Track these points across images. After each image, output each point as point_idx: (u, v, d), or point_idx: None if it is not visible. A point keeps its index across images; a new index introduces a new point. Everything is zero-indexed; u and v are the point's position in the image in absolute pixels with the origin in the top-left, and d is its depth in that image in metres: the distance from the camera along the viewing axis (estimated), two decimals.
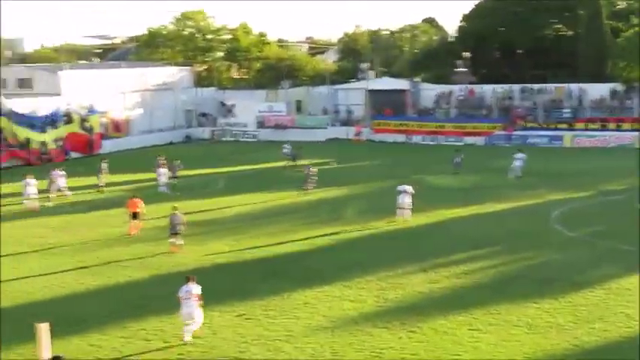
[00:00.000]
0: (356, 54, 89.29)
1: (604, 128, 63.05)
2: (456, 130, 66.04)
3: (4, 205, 40.15)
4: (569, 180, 43.86)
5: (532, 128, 64.65)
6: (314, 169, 34.96)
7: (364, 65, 79.15)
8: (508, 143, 61.46)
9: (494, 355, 17.81)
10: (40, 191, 41.03)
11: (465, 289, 23.85)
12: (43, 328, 9.98)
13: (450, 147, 60.25)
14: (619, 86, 66.22)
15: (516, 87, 69.41)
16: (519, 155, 43.30)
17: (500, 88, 69.58)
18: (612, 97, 66.21)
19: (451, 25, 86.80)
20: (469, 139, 63.92)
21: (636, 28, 68.55)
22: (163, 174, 43.95)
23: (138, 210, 33.67)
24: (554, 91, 68.03)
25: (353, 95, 72.50)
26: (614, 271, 24.97)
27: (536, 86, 69.06)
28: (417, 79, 74.22)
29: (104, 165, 44.67)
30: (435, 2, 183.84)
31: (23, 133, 56.91)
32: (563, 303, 21.69)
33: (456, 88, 71.71)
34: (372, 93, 71.13)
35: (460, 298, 22.68)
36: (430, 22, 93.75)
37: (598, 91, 66.47)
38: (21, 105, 58.21)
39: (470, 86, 72.11)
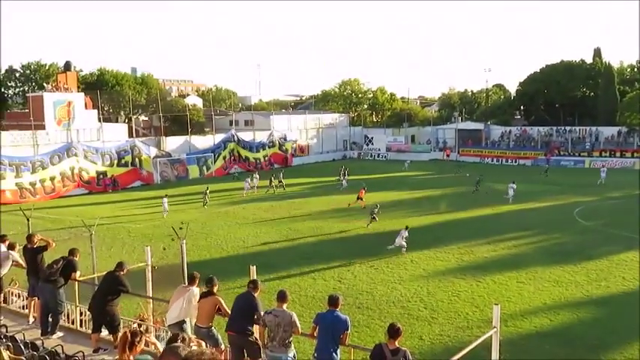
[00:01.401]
0: (450, 106, 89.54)
1: (612, 156, 64.61)
2: (513, 155, 68.11)
3: (232, 196, 42.94)
4: (586, 189, 44.06)
5: (564, 155, 66.42)
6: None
7: (455, 113, 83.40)
8: (547, 165, 61.66)
9: (532, 299, 18.45)
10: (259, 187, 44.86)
11: (514, 255, 24.40)
12: (252, 269, 9.50)
13: (510, 166, 63.42)
14: (624, 129, 67.84)
15: (554, 128, 71.14)
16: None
17: (542, 129, 71.52)
18: (619, 136, 67.99)
19: (513, 87, 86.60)
20: (522, 161, 66.12)
21: (637, 91, 68.92)
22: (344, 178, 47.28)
23: (362, 195, 36.67)
24: (579, 131, 69.88)
25: (447, 132, 75.65)
26: (615, 248, 25.17)
27: (567, 128, 70.43)
28: (489, 122, 76.14)
29: (277, 177, 46.02)
30: (503, 72, 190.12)
31: (244, 152, 62.73)
32: (580, 268, 22.19)
33: (514, 128, 74.21)
34: (460, 131, 73.96)
35: (511, 261, 23.28)
36: (499, 86, 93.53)
37: (609, 131, 68.41)
38: (246, 136, 63.48)
39: (523, 127, 74.53)
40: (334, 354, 8.35)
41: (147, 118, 74.39)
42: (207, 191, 39.35)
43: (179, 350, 4.01)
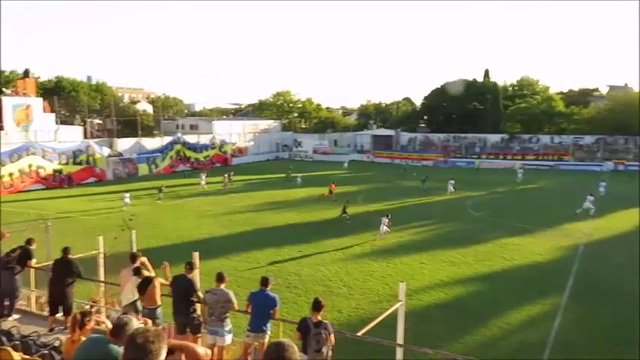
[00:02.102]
0: (367, 115, 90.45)
1: (497, 158, 66.62)
2: (418, 157, 69.37)
3: (179, 191, 41.63)
4: (476, 186, 44.85)
5: (459, 157, 68.21)
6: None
7: (371, 121, 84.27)
8: (445, 165, 65.20)
9: (431, 277, 18.86)
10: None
11: (418, 241, 24.80)
12: (195, 255, 8.94)
13: (415, 166, 63.91)
14: (506, 136, 70.71)
15: (451, 135, 72.96)
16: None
17: (442, 135, 73.34)
18: (502, 142, 70.55)
19: (419, 100, 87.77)
20: (424, 162, 67.11)
21: (518, 105, 73.04)
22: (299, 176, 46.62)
23: (333, 189, 36.70)
24: (471, 138, 71.90)
25: (364, 138, 76.64)
26: (498, 234, 25.95)
27: (462, 135, 72.23)
28: (399, 129, 77.13)
29: (228, 174, 45.88)
30: (411, 86, 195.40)
31: (189, 153, 60.98)
32: (470, 250, 22.78)
33: (419, 135, 75.89)
34: (375, 136, 75.03)
35: (415, 245, 23.68)
36: (407, 99, 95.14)
37: (495, 138, 70.84)
38: (191, 139, 61.70)
39: (426, 134, 76.12)
40: (264, 327, 8.51)
41: (101, 122, 71.26)
42: (164, 188, 38.03)
43: (125, 328, 3.93)
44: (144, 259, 9.96)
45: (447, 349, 12.22)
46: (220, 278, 8.79)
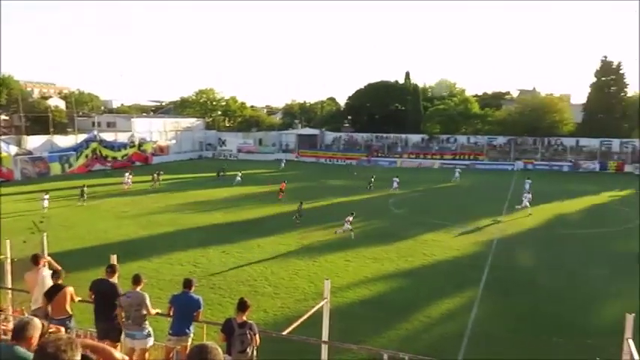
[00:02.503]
0: (292, 114, 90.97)
1: (418, 158, 68.71)
2: (343, 156, 70.47)
3: (101, 190, 40.14)
4: (401, 184, 43.32)
5: (381, 157, 69.81)
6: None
7: (296, 121, 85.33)
8: (368, 164, 66.41)
9: (356, 274, 19.19)
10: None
11: (343, 239, 24.84)
12: (113, 258, 8.89)
13: (340, 165, 66.09)
14: (426, 136, 73.05)
15: (374, 135, 74.37)
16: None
17: (365, 135, 74.72)
18: (422, 142, 72.90)
19: (343, 101, 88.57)
20: (348, 161, 68.21)
21: (437, 107, 75.35)
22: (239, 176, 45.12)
23: (284, 187, 36.75)
24: (393, 138, 73.69)
25: (289, 137, 76.75)
26: (419, 230, 26.68)
27: (384, 135, 73.79)
28: (323, 129, 77.91)
29: (157, 173, 44.68)
30: (335, 86, 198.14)
31: (106, 151, 58.84)
32: (392, 247, 23.29)
33: (343, 134, 77.17)
34: (300, 136, 75.55)
35: (340, 243, 23.90)
36: (332, 99, 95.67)
37: (416, 138, 73.02)
38: (108, 137, 60.04)
39: (350, 134, 77.53)
40: (187, 330, 8.30)
41: (7, 118, 67.09)
42: (85, 188, 35.99)
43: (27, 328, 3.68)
44: (48, 258, 9.38)
45: (371, 344, 12.45)
46: (136, 280, 8.46)
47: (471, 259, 22.07)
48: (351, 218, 25.78)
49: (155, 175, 44.74)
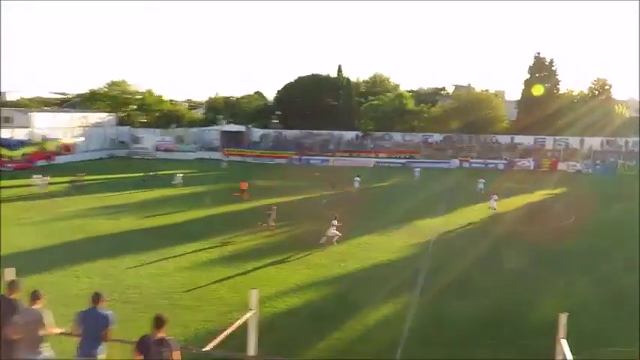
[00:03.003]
0: (215, 109, 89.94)
1: (352, 156, 69.84)
2: (271, 154, 70.68)
3: None
4: (329, 184, 45.00)
5: (313, 155, 70.42)
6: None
7: (220, 117, 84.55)
8: (299, 163, 67.60)
9: (285, 282, 19.19)
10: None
11: (272, 243, 25.14)
12: (9, 271, 8.43)
13: (269, 164, 66.27)
14: (360, 133, 75.30)
15: (305, 132, 75.70)
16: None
17: (297, 132, 75.87)
18: (356, 139, 74.85)
19: (271, 95, 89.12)
20: (277, 160, 68.71)
21: (371, 102, 78.52)
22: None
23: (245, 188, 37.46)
24: (325, 135, 75.09)
25: (213, 134, 76.33)
26: (354, 233, 26.61)
27: (316, 132, 75.01)
28: (250, 125, 78.31)
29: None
30: (263, 79, 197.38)
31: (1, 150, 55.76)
32: (325, 251, 23.68)
33: (271, 131, 78.19)
34: (224, 132, 75.35)
35: (269, 249, 23.93)
36: (259, 93, 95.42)
37: (349, 135, 74.88)
38: (2, 133, 57.97)
39: (279, 130, 78.61)
40: (96, 350, 8.01)
41: None
42: None
43: None
44: None
45: (301, 356, 12.43)
46: (34, 297, 8.11)
47: (407, 262, 22.59)
48: (336, 222, 25.43)
49: (76, 176, 43.79)
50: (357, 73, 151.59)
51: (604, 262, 23.46)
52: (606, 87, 75.47)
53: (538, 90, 73.04)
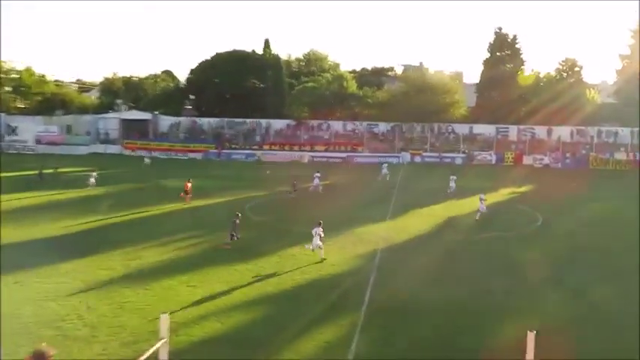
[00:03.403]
0: (113, 93, 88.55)
1: (282, 149, 71.46)
2: (183, 148, 71.14)
3: None
4: (258, 183, 48.15)
5: (235, 148, 71.56)
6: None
7: (119, 101, 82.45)
8: (218, 158, 68.23)
9: (204, 303, 19.16)
10: None
11: (186, 257, 25.13)
12: None
13: (180, 160, 66.40)
14: (292, 122, 76.03)
15: (225, 120, 76.19)
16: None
17: (214, 120, 76.25)
18: (287, 129, 75.88)
19: (183, 76, 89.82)
20: (192, 155, 69.49)
21: (305, 85, 78.79)
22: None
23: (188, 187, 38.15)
24: (250, 124, 75.98)
25: (110, 122, 75.39)
26: (285, 243, 27.22)
27: (238, 120, 75.76)
28: (157, 112, 77.96)
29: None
30: (173, 56, 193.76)
31: None
32: (252, 265, 23.65)
33: (184, 119, 77.85)
34: (125, 121, 74.63)
35: (182, 264, 23.91)
36: (168, 73, 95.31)
37: (279, 124, 75.86)
38: None
39: (193, 119, 78.32)
40: None
41: None
42: None
43: None
44: None
45: None
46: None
47: (351, 276, 22.79)
48: (320, 230, 25.32)
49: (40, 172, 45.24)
50: (288, 49, 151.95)
51: (578, 272, 24.36)
52: (576, 68, 78.76)
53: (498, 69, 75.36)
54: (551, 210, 37.69)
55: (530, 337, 8.48)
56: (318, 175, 45.45)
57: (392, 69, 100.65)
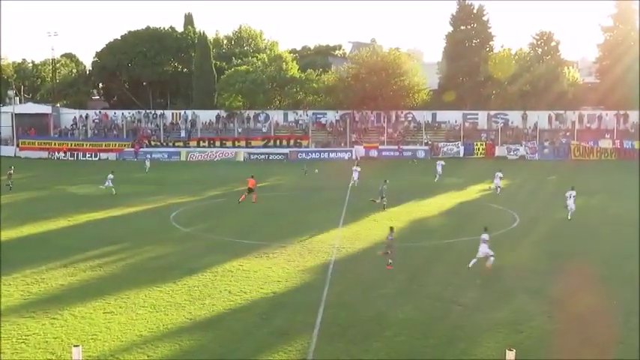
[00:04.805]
0: (3, 82, 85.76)
1: (212, 146, 71.01)
2: (93, 147, 69.89)
3: None
4: (184, 187, 48.45)
5: (155, 146, 70.59)
6: None
7: (11, 92, 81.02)
8: (135, 159, 66.82)
9: (124, 333, 18.94)
10: None
11: (100, 279, 24.94)
12: None
13: (89, 162, 65.79)
14: (223, 112, 75.73)
15: (142, 112, 75.21)
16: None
17: (128, 113, 75.07)
18: (217, 121, 75.36)
19: (88, 60, 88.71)
20: (103, 155, 68.28)
21: (236, 68, 77.71)
22: None
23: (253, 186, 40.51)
24: (173, 116, 75.13)
25: (1, 118, 73.12)
26: (219, 257, 27.48)
27: (158, 112, 75.05)
28: (58, 104, 76.69)
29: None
30: (76, 36, 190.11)
31: None
32: (180, 285, 23.70)
33: (92, 112, 76.03)
34: (18, 116, 72.68)
35: (95, 287, 23.77)
36: (69, 56, 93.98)
37: (207, 116, 75.36)
38: None
39: (104, 111, 76.94)
40: None
41: None
42: None
43: None
44: None
45: None
46: None
47: (299, 294, 22.88)
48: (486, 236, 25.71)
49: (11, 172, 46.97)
50: (215, 25, 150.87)
51: (557, 283, 24.66)
52: (552, 43, 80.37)
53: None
54: (529, 209, 38.29)
55: (510, 355, 8.69)
56: (358, 169, 48.14)
57: (339, 47, 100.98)
